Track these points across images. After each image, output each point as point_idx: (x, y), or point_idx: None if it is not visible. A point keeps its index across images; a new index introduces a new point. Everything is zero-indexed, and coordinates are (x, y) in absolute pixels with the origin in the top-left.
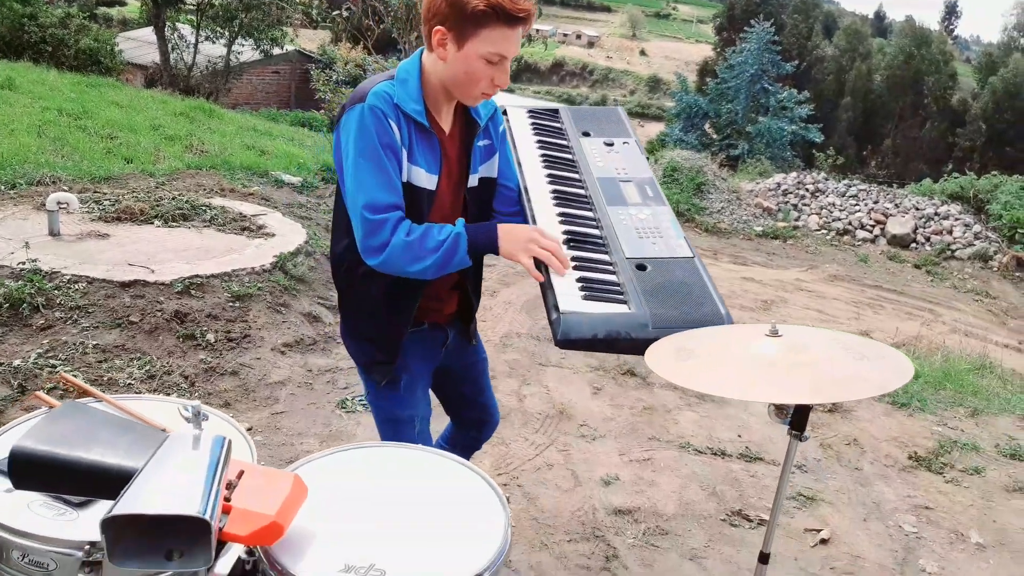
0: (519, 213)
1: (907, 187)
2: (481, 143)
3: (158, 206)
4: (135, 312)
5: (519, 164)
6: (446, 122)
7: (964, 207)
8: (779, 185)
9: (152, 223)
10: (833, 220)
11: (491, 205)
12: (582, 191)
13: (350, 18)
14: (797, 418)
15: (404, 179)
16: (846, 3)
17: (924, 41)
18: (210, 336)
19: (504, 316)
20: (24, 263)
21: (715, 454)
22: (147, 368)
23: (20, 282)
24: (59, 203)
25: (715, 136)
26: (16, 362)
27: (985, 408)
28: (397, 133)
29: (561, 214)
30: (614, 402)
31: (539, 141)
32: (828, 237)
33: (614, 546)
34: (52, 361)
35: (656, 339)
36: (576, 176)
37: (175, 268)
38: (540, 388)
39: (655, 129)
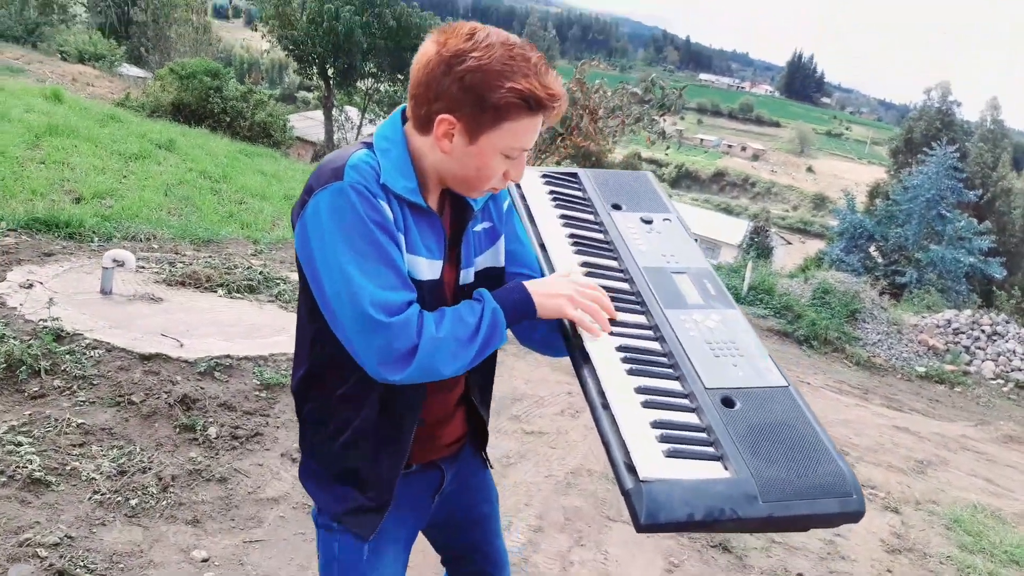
0: None
1: None
2: (479, 227)
3: (228, 275)
4: (140, 391)
5: (542, 248)
6: (433, 203)
7: None
8: (949, 322)
9: (215, 292)
10: (1012, 370)
11: None
12: (627, 286)
13: None
14: None
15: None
16: None
17: None
18: (212, 430)
19: (581, 444)
20: (45, 320)
21: None
22: (122, 461)
23: (30, 342)
24: (115, 260)
25: (880, 260)
26: None
27: None
28: (390, 214)
29: (613, 322)
30: None
31: (563, 217)
32: (1005, 389)
33: None
34: (20, 438)
35: (771, 518)
36: (616, 265)
37: (208, 344)
38: (597, 555)
39: (815, 246)
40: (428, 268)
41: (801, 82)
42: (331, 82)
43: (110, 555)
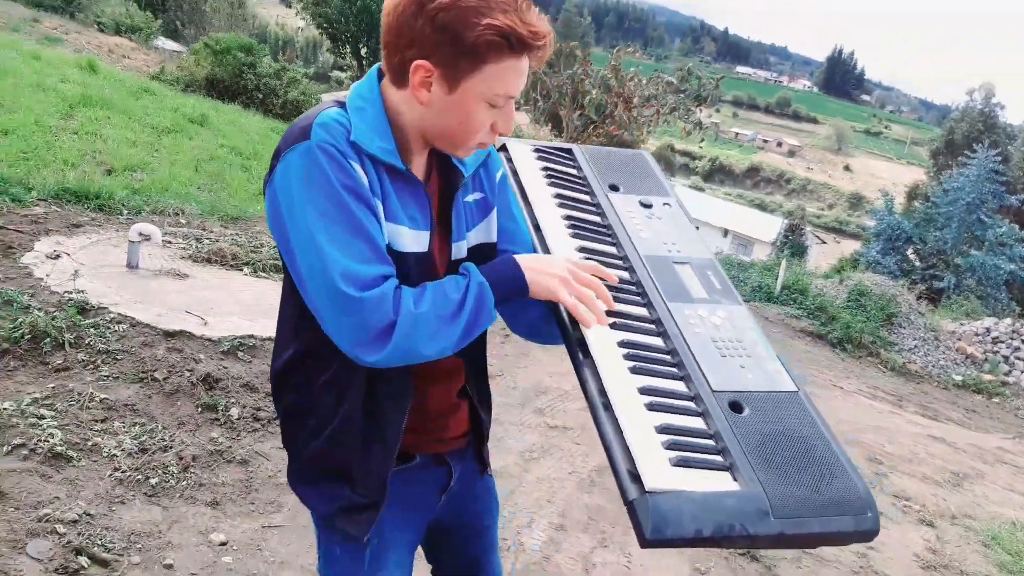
0: None
1: None
2: (470, 198)
3: (254, 253)
4: (163, 368)
5: (536, 229)
6: (418, 169)
7: None
8: (988, 331)
9: (240, 270)
10: None
11: None
12: (628, 275)
13: (547, 104)
14: None
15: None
16: None
17: None
18: (234, 411)
19: None
20: (70, 293)
21: None
22: (143, 439)
23: (55, 314)
24: (141, 234)
25: (917, 264)
26: (4, 405)
27: None
28: (364, 177)
29: (611, 313)
30: None
31: (559, 197)
32: None
33: None
34: (43, 411)
35: (782, 536)
36: (616, 251)
37: (232, 323)
38: (620, 557)
39: (850, 247)
40: (413, 239)
41: (840, 78)
42: (364, 62)
43: (128, 534)
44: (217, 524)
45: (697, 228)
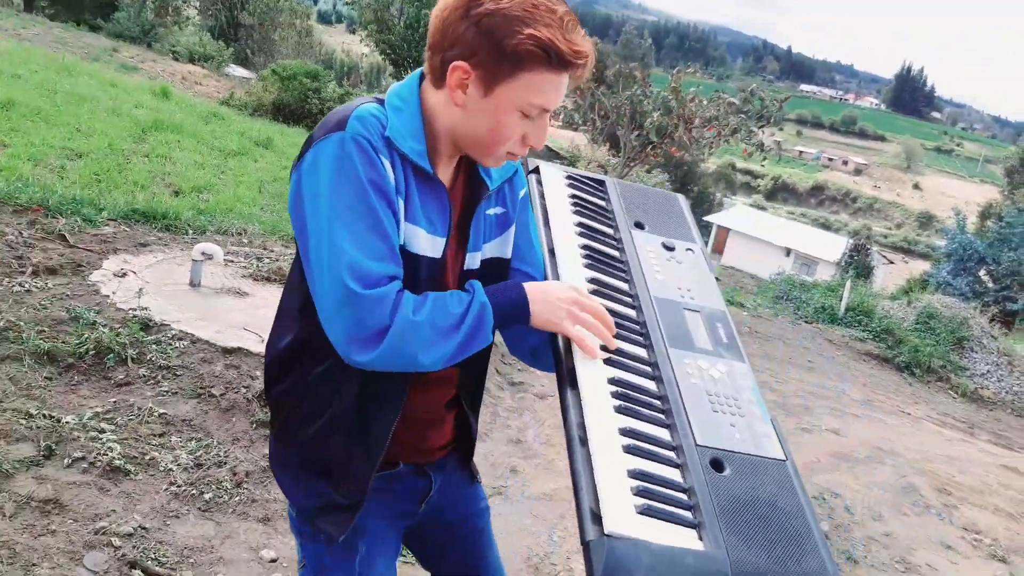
0: None
1: None
2: (491, 211)
3: None
4: (220, 384)
5: (551, 254)
6: (445, 175)
7: None
8: None
9: None
10: None
11: None
12: (633, 313)
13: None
14: None
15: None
16: None
17: None
18: None
19: None
20: (135, 310)
21: None
22: (199, 454)
23: (119, 330)
24: (203, 253)
25: (990, 285)
26: (67, 418)
27: None
28: (391, 175)
29: (607, 349)
30: None
31: (580, 226)
32: None
33: None
34: (103, 425)
35: None
36: (627, 288)
37: None
38: None
39: (919, 267)
40: (429, 244)
41: (910, 95)
42: None
43: (181, 549)
44: (268, 540)
45: (717, 279)
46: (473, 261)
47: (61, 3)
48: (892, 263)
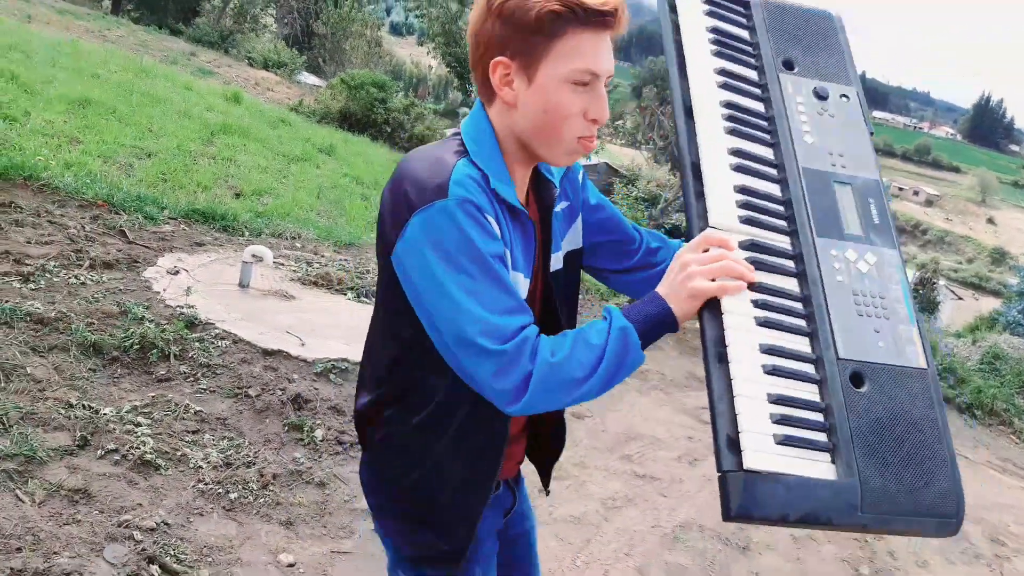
0: (639, 268)
1: None
2: (560, 207)
3: (359, 279)
4: (257, 385)
5: (687, 114)
6: (520, 194)
7: None
8: None
9: (344, 294)
10: None
11: (577, 286)
12: (778, 192)
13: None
14: None
15: None
16: None
17: None
18: (319, 432)
19: (697, 495)
20: (182, 307)
21: None
22: (229, 453)
23: (164, 326)
24: (253, 255)
25: None
26: (106, 410)
27: None
28: (498, 230)
29: (748, 244)
30: None
31: (722, 74)
32: None
33: None
34: (139, 419)
35: (864, 528)
36: (772, 157)
37: (328, 346)
38: None
39: (990, 305)
40: (523, 285)
41: (988, 126)
42: None
43: (201, 547)
44: (288, 544)
45: (872, 133)
46: (557, 261)
47: (146, 6)
48: (961, 299)
